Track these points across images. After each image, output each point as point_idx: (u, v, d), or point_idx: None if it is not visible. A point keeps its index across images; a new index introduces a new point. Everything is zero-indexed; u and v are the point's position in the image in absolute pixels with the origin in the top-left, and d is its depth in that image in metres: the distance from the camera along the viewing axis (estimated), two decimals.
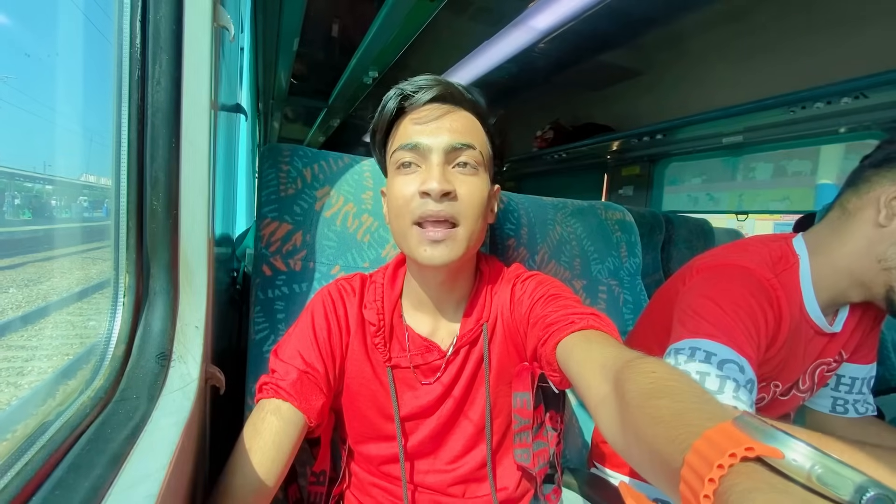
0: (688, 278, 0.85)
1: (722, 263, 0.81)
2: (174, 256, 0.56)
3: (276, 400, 0.62)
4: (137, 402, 0.47)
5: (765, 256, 0.80)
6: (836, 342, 0.84)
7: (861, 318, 0.85)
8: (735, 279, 0.76)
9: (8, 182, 2.29)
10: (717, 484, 0.28)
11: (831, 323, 0.81)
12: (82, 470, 0.36)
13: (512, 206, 1.09)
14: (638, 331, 0.99)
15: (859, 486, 0.26)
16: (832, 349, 0.84)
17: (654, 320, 0.90)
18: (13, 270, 3.11)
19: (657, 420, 0.38)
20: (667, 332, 0.84)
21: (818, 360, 0.84)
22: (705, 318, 0.71)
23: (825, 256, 0.78)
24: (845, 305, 0.83)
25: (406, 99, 0.66)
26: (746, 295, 0.73)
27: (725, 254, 0.84)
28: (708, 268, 0.82)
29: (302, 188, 0.89)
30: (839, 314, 0.83)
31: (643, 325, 0.96)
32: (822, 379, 0.87)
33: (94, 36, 0.60)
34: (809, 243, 0.81)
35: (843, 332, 0.83)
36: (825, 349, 0.83)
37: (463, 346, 0.72)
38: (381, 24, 1.95)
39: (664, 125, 2.54)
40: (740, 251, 0.83)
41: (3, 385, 2.21)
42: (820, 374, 0.86)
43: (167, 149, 0.54)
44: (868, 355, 0.91)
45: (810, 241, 0.81)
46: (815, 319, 0.79)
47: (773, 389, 0.83)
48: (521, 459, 0.74)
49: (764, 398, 0.83)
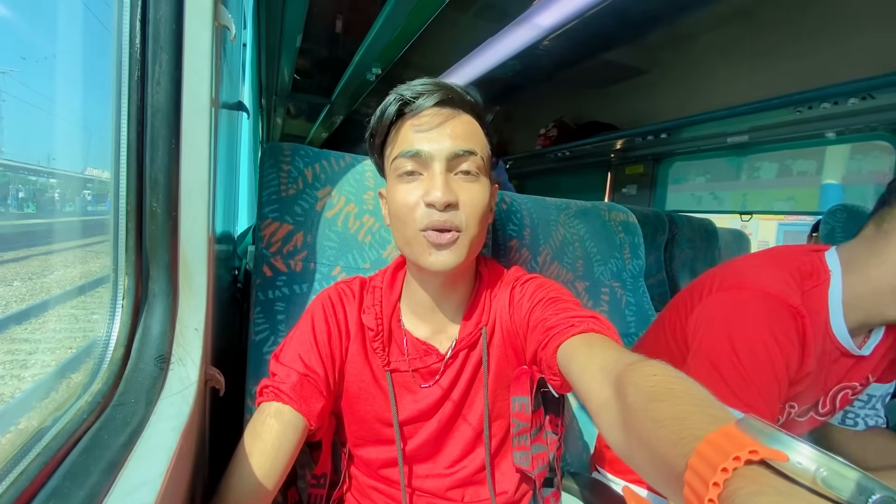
0: (705, 294, 0.80)
1: (743, 286, 0.75)
2: (174, 258, 0.55)
3: (276, 403, 0.62)
4: (135, 407, 0.47)
5: (793, 271, 0.76)
6: (864, 365, 0.80)
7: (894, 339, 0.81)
8: (755, 312, 0.71)
9: (12, 175, 2.30)
10: (721, 488, 0.28)
11: (860, 345, 0.78)
12: (78, 478, 0.36)
13: (515, 206, 1.08)
14: (649, 339, 0.95)
15: (865, 488, 0.25)
16: (859, 373, 0.80)
17: (667, 331, 0.86)
18: (17, 263, 3.13)
19: (659, 423, 0.37)
20: (678, 345, 0.82)
21: (842, 384, 0.80)
22: (722, 374, 0.69)
23: (861, 274, 0.74)
24: (880, 327, 0.78)
25: (406, 104, 0.65)
26: (767, 336, 0.69)
27: (748, 271, 0.78)
28: (728, 289, 0.77)
29: (303, 188, 0.88)
30: (871, 336, 0.79)
31: (654, 334, 0.92)
32: (844, 402, 0.84)
33: (95, 33, 0.60)
34: (843, 259, 0.76)
35: (873, 355, 0.79)
36: (851, 372, 0.79)
37: (462, 349, 0.72)
38: (384, 21, 1.94)
39: (668, 124, 2.53)
40: (765, 267, 0.78)
41: (6, 378, 2.22)
42: (843, 398, 0.82)
43: (167, 150, 0.54)
44: (891, 375, 0.88)
45: (844, 256, 0.77)
46: (841, 340, 0.75)
47: (789, 411, 0.79)
48: (520, 463, 0.74)
49: (779, 420, 0.79)
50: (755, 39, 2.18)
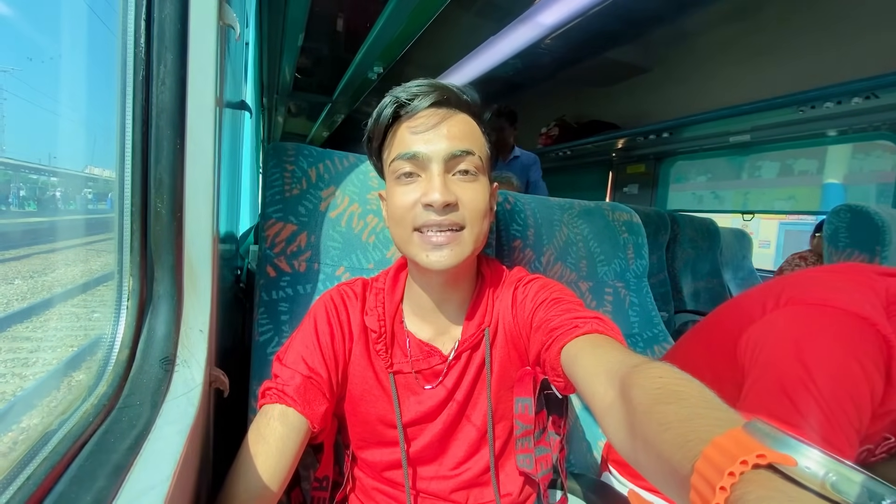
0: (769, 307, 0.71)
1: (818, 302, 0.66)
2: (178, 259, 0.55)
3: (279, 405, 0.61)
4: (141, 409, 0.47)
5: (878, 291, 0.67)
6: None
7: None
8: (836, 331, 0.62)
9: (14, 174, 2.30)
10: (728, 492, 0.28)
11: None
12: (85, 482, 0.35)
13: (519, 206, 1.08)
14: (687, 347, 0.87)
15: (875, 493, 0.25)
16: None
17: (712, 348, 0.78)
18: (18, 262, 3.13)
19: (665, 426, 0.37)
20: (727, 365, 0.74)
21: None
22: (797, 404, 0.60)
23: None
24: None
25: (402, 106, 0.64)
26: (849, 359, 0.60)
27: (823, 286, 0.69)
28: (800, 303, 0.68)
29: (307, 188, 0.88)
30: None
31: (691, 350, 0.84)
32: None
33: (100, 33, 0.59)
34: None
35: None
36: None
37: (464, 350, 0.71)
38: (386, 20, 1.93)
39: (670, 123, 2.53)
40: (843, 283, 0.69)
41: (8, 376, 2.23)
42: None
43: (172, 150, 0.53)
44: None
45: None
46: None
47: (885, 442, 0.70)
48: (524, 465, 0.73)
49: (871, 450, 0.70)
50: (758, 38, 2.17)
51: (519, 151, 2.58)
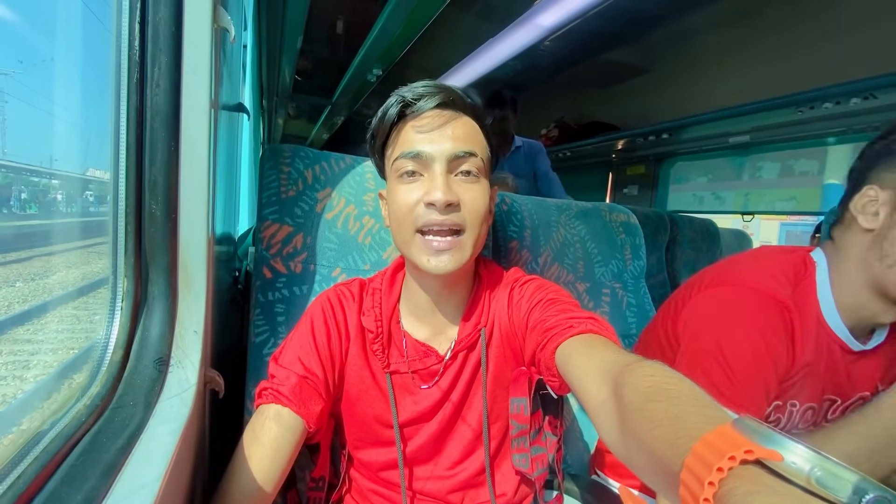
0: (694, 292, 0.81)
1: (731, 282, 0.77)
2: (173, 260, 0.55)
3: (275, 405, 0.62)
4: (134, 409, 0.47)
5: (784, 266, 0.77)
6: (870, 367, 0.78)
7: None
8: (740, 308, 0.73)
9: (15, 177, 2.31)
10: (716, 487, 0.28)
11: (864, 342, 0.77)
12: (76, 482, 0.36)
13: (515, 207, 1.08)
14: (644, 339, 0.96)
15: (858, 487, 0.26)
16: (867, 377, 0.79)
17: (659, 331, 0.88)
18: (19, 264, 3.14)
19: (656, 423, 0.38)
20: (670, 345, 0.83)
21: (858, 395, 0.79)
22: (708, 373, 0.70)
23: (838, 272, 0.76)
24: (883, 328, 0.78)
25: (407, 106, 0.65)
26: (752, 332, 0.70)
27: (736, 268, 0.80)
28: (717, 284, 0.79)
29: (303, 190, 0.88)
30: (875, 336, 0.78)
31: (649, 334, 0.93)
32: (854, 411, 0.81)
33: (95, 35, 0.60)
34: (827, 254, 0.78)
35: (877, 355, 0.78)
36: (860, 377, 0.78)
37: (461, 350, 0.72)
38: (385, 22, 1.94)
39: (670, 124, 2.53)
40: (753, 264, 0.79)
41: (9, 379, 2.24)
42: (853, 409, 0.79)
43: (166, 152, 0.54)
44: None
45: (827, 252, 0.79)
46: (836, 332, 0.75)
47: (790, 409, 0.78)
48: (520, 465, 0.74)
49: (780, 420, 0.78)
50: (757, 39, 2.17)
51: (520, 141, 2.37)
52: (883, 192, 0.71)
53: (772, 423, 0.77)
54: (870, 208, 0.72)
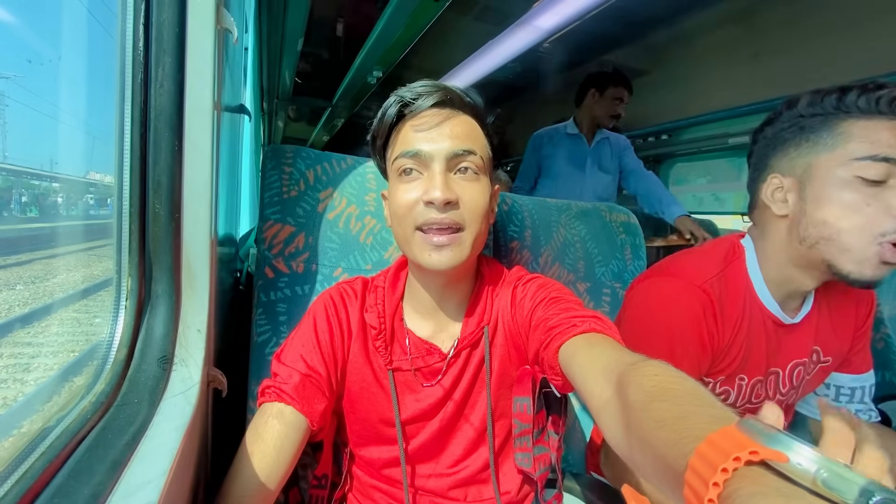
0: (641, 278, 0.86)
1: (657, 273, 0.83)
2: (176, 259, 0.56)
3: (278, 404, 0.62)
4: (139, 407, 0.47)
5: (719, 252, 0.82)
6: (803, 336, 0.83)
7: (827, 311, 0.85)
8: (661, 302, 0.78)
9: (15, 180, 2.31)
10: (721, 488, 0.28)
11: (793, 316, 0.81)
12: (82, 477, 0.36)
13: (516, 208, 1.08)
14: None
15: (865, 490, 0.25)
16: (802, 345, 0.83)
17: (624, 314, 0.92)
18: (20, 267, 3.15)
19: (660, 423, 0.37)
20: None
21: (794, 361, 0.84)
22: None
23: (762, 252, 0.80)
24: (809, 295, 0.83)
25: (406, 106, 0.65)
26: (672, 324, 0.75)
27: (669, 261, 0.85)
28: (641, 281, 0.84)
29: (305, 190, 0.88)
30: (803, 306, 0.83)
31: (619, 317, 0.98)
32: (800, 380, 0.86)
33: (99, 37, 0.60)
34: (752, 236, 0.83)
35: (806, 323, 0.83)
36: (794, 345, 0.83)
37: (464, 348, 0.72)
38: (385, 24, 1.95)
39: (669, 125, 2.53)
40: (684, 256, 0.85)
41: (9, 381, 2.24)
42: (798, 376, 0.85)
43: (170, 152, 0.54)
44: (863, 364, 0.91)
45: (752, 234, 0.84)
46: (769, 308, 0.79)
47: (739, 383, 0.82)
48: (523, 464, 0.74)
49: (729, 392, 0.83)
50: (756, 40, 2.18)
51: (607, 133, 2.26)
52: (786, 178, 0.75)
53: (721, 396, 0.82)
54: (778, 195, 0.76)
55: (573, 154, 2.25)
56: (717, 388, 0.81)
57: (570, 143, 2.26)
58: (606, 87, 2.12)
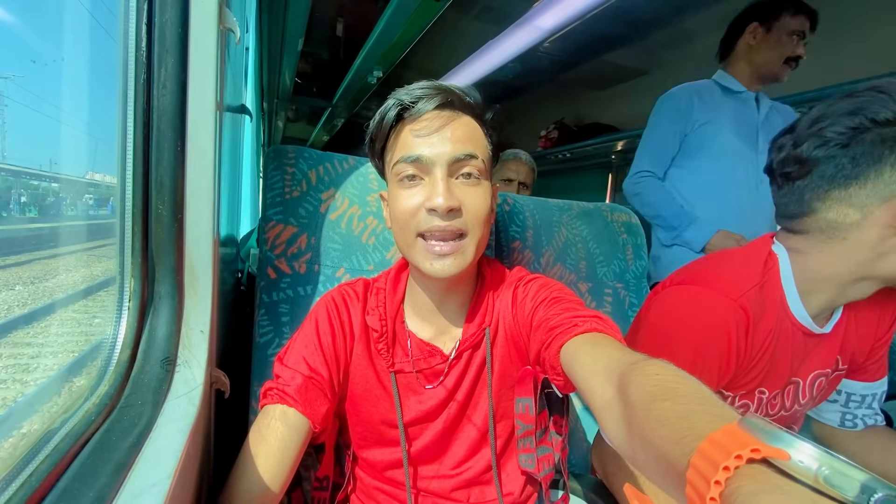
0: (665, 286, 0.82)
1: (685, 283, 0.78)
2: (179, 260, 0.56)
3: (281, 406, 0.62)
4: (142, 409, 0.47)
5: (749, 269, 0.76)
6: (829, 346, 0.80)
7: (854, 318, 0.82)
8: (691, 312, 0.74)
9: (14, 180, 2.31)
10: (723, 486, 0.28)
11: (822, 326, 0.78)
12: (87, 479, 0.36)
13: (517, 208, 1.08)
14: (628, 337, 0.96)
15: (867, 486, 0.25)
16: (827, 356, 0.81)
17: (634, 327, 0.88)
18: (19, 268, 3.14)
19: (662, 422, 0.37)
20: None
21: (816, 371, 0.81)
22: None
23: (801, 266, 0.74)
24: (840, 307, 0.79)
25: (405, 109, 0.64)
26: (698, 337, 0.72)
27: (704, 269, 0.80)
28: (672, 285, 0.80)
29: (307, 190, 0.88)
30: (833, 316, 0.79)
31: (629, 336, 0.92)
32: (820, 391, 0.84)
33: (102, 37, 0.60)
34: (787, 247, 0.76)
35: (834, 334, 0.79)
36: (819, 355, 0.80)
37: (465, 349, 0.72)
38: (385, 24, 1.94)
39: None
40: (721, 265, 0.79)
41: (9, 382, 2.23)
42: (819, 387, 0.83)
43: (173, 152, 0.54)
44: (878, 372, 0.89)
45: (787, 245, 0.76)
46: (799, 319, 0.75)
47: (760, 397, 0.80)
48: (526, 465, 0.74)
49: (748, 406, 0.80)
50: None
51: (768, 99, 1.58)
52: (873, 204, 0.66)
53: (740, 409, 0.78)
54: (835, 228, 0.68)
55: (740, 123, 1.52)
56: (736, 401, 0.79)
57: (734, 106, 1.53)
58: (778, 17, 1.43)
